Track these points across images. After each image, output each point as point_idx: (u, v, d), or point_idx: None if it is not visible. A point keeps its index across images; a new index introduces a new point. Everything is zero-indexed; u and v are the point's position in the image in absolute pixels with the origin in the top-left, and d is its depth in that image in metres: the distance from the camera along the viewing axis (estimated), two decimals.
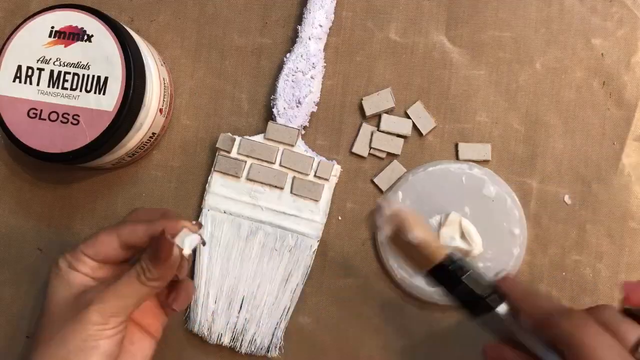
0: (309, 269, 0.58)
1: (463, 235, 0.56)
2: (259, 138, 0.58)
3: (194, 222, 0.49)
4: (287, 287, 0.58)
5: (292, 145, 0.58)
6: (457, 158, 0.58)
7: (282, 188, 0.58)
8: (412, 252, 0.46)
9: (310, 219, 0.58)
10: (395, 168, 0.58)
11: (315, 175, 0.58)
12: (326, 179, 0.58)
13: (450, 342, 0.58)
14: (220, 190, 0.58)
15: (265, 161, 0.58)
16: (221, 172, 0.58)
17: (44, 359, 0.46)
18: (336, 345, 0.58)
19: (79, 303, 0.46)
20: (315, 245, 0.58)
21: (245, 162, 0.58)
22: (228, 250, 0.58)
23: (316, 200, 0.58)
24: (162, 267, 0.46)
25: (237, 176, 0.58)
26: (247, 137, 0.58)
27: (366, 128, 0.59)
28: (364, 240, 0.59)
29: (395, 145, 0.59)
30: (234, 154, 0.58)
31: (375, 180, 0.59)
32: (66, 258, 0.49)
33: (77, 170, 0.60)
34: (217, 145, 0.58)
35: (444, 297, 0.56)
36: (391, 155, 0.59)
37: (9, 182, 0.61)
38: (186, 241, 0.47)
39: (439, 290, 0.47)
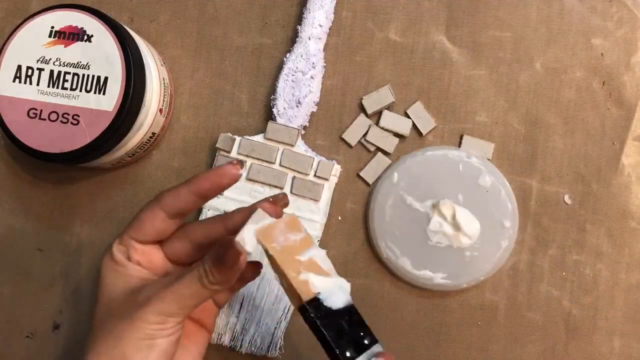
0: None
1: (454, 223, 0.57)
2: (259, 138, 0.58)
3: (272, 199, 0.47)
4: None
5: (292, 145, 0.58)
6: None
7: (282, 188, 0.58)
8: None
9: (310, 218, 0.58)
10: (380, 160, 0.59)
11: (315, 175, 0.58)
12: (326, 179, 0.58)
13: (450, 341, 0.58)
14: None
15: (265, 161, 0.58)
16: None
17: (100, 357, 0.44)
18: None
19: (136, 300, 0.45)
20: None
21: (245, 162, 0.58)
22: None
23: (316, 200, 0.58)
24: (224, 272, 0.43)
25: None
26: (247, 137, 0.58)
27: (362, 119, 0.59)
28: (364, 240, 0.59)
29: (389, 144, 0.59)
30: (234, 154, 0.58)
31: (362, 174, 0.59)
32: (119, 249, 0.48)
33: (77, 170, 0.60)
34: (217, 145, 0.58)
35: (440, 285, 0.56)
36: (384, 153, 0.59)
37: (9, 182, 0.61)
38: (247, 238, 0.43)
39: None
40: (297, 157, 0.58)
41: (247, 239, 0.43)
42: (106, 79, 0.52)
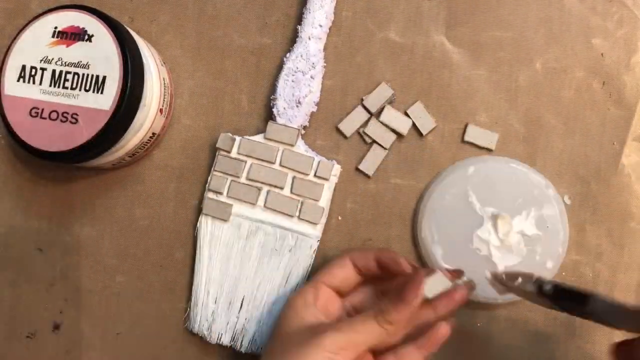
0: (310, 268, 0.58)
1: (503, 240, 0.56)
2: (259, 138, 0.58)
3: (450, 270, 0.51)
4: (288, 286, 0.58)
5: (292, 145, 0.58)
6: (462, 140, 0.58)
7: (282, 188, 0.58)
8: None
9: (310, 220, 0.58)
10: (377, 153, 0.59)
11: (315, 175, 0.58)
12: (326, 179, 0.58)
13: (450, 341, 0.57)
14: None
15: (266, 161, 0.58)
16: (221, 172, 0.58)
17: None
18: None
19: (314, 331, 0.48)
20: (316, 245, 0.58)
21: (246, 162, 0.58)
22: (228, 250, 0.58)
23: (316, 200, 0.58)
24: (402, 310, 0.47)
25: (237, 176, 0.58)
26: (247, 137, 0.58)
27: (360, 111, 0.59)
28: (364, 240, 0.59)
29: (387, 139, 0.59)
30: (234, 153, 0.58)
31: (360, 167, 0.59)
32: (310, 291, 0.52)
33: (78, 170, 0.60)
34: (217, 145, 0.58)
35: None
36: (380, 147, 0.59)
37: (10, 182, 0.61)
38: (432, 285, 0.48)
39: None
40: (297, 157, 0.58)
41: (431, 285, 0.48)
42: (105, 78, 0.52)
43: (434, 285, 0.48)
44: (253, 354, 0.58)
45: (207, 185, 0.59)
